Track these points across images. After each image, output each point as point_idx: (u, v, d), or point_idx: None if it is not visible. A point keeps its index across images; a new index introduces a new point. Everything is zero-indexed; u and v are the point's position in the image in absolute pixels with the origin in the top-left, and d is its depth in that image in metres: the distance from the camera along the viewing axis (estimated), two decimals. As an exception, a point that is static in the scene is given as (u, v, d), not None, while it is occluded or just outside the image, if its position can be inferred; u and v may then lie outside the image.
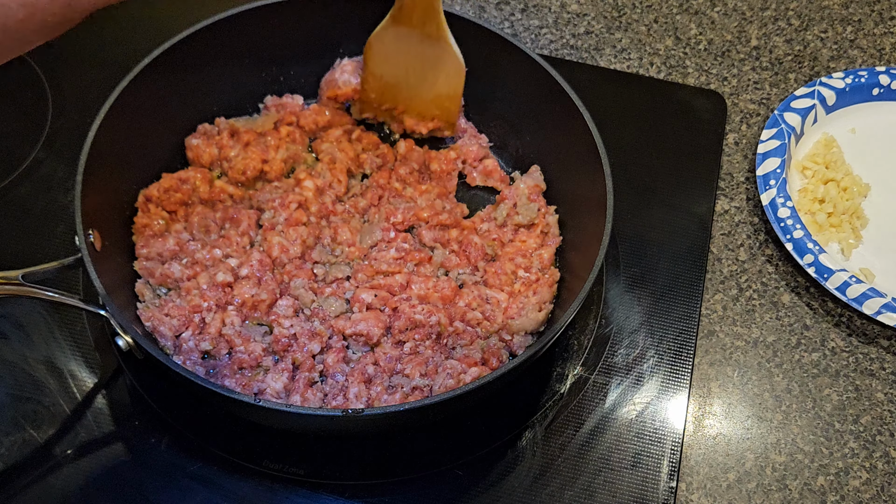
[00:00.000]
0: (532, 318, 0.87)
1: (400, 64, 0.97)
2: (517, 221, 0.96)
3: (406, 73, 0.98)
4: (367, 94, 1.02)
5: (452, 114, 1.02)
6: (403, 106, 1.02)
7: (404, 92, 1.00)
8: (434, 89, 0.99)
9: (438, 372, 0.83)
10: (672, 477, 0.86)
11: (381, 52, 0.97)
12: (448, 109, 1.01)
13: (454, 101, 1.00)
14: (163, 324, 0.84)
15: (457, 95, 0.99)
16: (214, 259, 0.89)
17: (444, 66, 0.96)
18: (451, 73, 0.97)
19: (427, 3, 0.90)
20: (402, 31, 0.94)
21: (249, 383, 0.82)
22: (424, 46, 0.94)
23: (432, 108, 1.01)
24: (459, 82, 0.97)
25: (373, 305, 0.88)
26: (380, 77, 1.00)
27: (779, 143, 1.06)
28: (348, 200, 0.97)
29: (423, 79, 0.98)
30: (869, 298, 0.94)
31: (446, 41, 0.93)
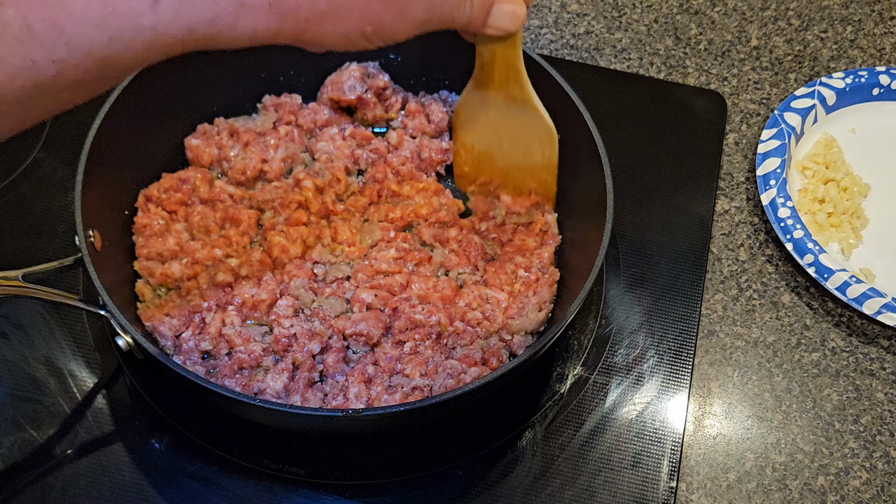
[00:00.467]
0: (532, 318, 0.87)
1: (489, 131, 0.92)
2: (515, 221, 0.96)
3: (498, 141, 0.93)
4: (460, 166, 0.98)
5: (550, 186, 0.95)
6: (500, 178, 0.96)
7: (499, 162, 0.95)
8: (529, 158, 0.92)
9: (438, 372, 0.83)
10: (672, 477, 0.86)
11: (468, 119, 0.93)
12: (545, 181, 0.94)
13: (550, 172, 0.93)
14: (163, 324, 0.84)
15: (552, 165, 0.92)
16: (214, 259, 0.89)
17: (536, 133, 0.89)
18: (544, 141, 0.90)
19: (507, 61, 0.82)
20: (486, 96, 0.88)
21: (249, 383, 0.82)
22: (512, 111, 0.88)
23: (528, 180, 0.95)
24: (553, 150, 0.91)
25: (373, 305, 0.88)
26: (471, 147, 0.96)
27: (779, 143, 1.06)
28: (348, 199, 0.97)
29: (516, 146, 0.92)
30: (869, 298, 0.94)
31: (533, 105, 0.87)
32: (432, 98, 1.05)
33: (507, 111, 0.88)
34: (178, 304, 0.87)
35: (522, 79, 0.84)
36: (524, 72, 0.83)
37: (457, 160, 0.98)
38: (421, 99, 1.05)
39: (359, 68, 1.02)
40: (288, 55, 1.01)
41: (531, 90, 0.85)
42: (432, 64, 1.04)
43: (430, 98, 1.05)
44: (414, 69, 1.05)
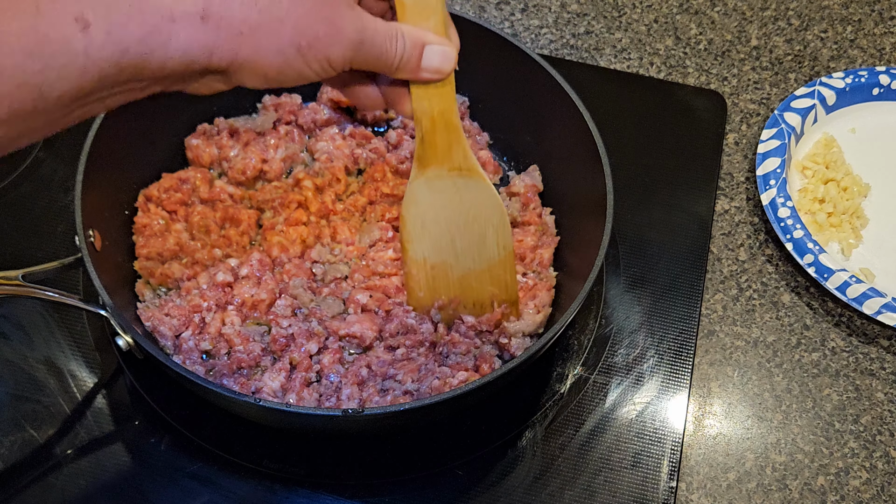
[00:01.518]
0: (530, 321, 0.87)
1: (440, 230, 0.83)
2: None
3: (451, 243, 0.83)
4: (414, 292, 0.86)
5: (511, 288, 0.86)
6: (458, 292, 0.86)
7: (455, 271, 0.85)
8: (484, 254, 0.83)
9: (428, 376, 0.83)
10: (672, 477, 0.86)
11: (416, 220, 0.82)
12: (504, 282, 0.85)
13: (509, 269, 0.85)
14: (163, 324, 0.84)
15: (509, 257, 0.84)
16: (214, 259, 0.89)
17: (487, 213, 0.81)
18: (497, 222, 0.82)
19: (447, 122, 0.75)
20: (431, 177, 0.79)
21: (248, 383, 0.82)
22: (459, 190, 0.80)
23: (487, 286, 0.85)
24: (507, 234, 0.83)
25: (368, 307, 0.88)
26: (423, 262, 0.84)
27: (779, 142, 1.06)
28: (347, 199, 0.97)
29: (470, 241, 0.83)
30: (869, 298, 0.94)
31: (479, 173, 0.79)
32: None
33: (455, 192, 0.80)
34: (177, 304, 0.87)
35: (464, 142, 0.77)
36: (463, 134, 0.77)
37: (410, 284, 0.86)
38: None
39: None
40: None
41: (473, 156, 0.78)
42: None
43: None
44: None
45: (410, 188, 0.80)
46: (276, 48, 0.60)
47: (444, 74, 0.71)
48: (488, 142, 1.04)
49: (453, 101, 0.74)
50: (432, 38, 0.69)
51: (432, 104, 0.74)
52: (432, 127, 0.75)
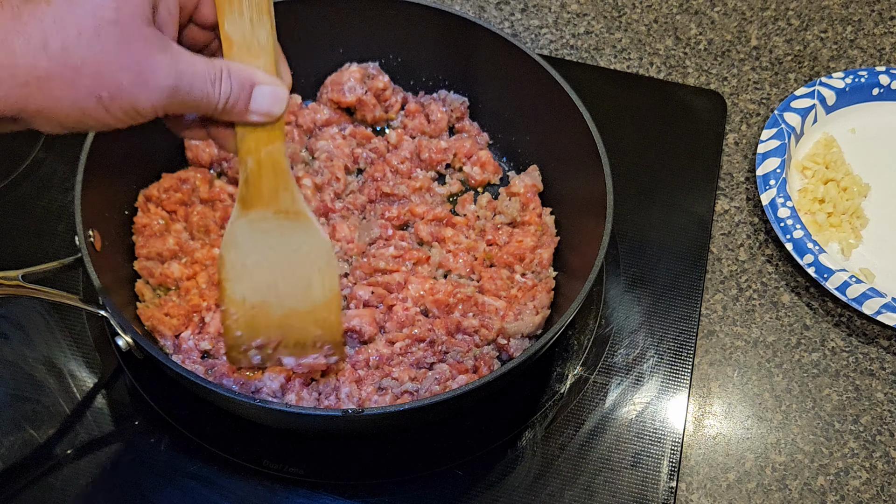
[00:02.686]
0: (528, 322, 0.87)
1: (261, 272, 0.76)
2: (499, 220, 0.96)
3: (273, 284, 0.77)
4: (231, 332, 0.78)
5: (335, 328, 0.79)
6: (278, 334, 0.79)
7: (276, 312, 0.78)
8: (309, 297, 0.78)
9: (427, 376, 0.83)
10: (672, 477, 0.86)
11: (236, 261, 0.76)
12: (329, 323, 0.79)
13: (333, 310, 0.78)
14: (162, 323, 0.84)
15: (335, 299, 0.78)
16: (214, 259, 0.89)
17: (314, 257, 0.76)
18: (324, 265, 0.77)
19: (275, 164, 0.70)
20: (255, 220, 0.73)
21: (248, 383, 0.82)
22: (286, 233, 0.75)
23: (311, 327, 0.79)
24: (333, 278, 0.77)
25: (370, 302, 0.88)
26: (242, 303, 0.77)
27: (779, 143, 1.06)
28: (346, 198, 0.97)
29: (294, 284, 0.77)
30: (869, 298, 0.94)
31: (306, 217, 0.74)
32: (432, 98, 1.05)
33: (280, 234, 0.75)
34: (177, 303, 0.87)
35: (292, 185, 0.72)
36: (293, 178, 0.72)
37: (226, 324, 0.78)
38: (420, 99, 1.05)
39: (359, 69, 1.02)
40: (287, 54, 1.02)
41: (302, 199, 0.73)
42: (432, 64, 1.04)
43: (430, 98, 1.05)
44: (414, 69, 1.05)
45: (231, 229, 0.74)
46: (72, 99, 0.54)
47: (273, 117, 0.66)
48: (488, 142, 1.04)
49: (282, 142, 0.69)
50: (262, 78, 0.63)
51: (259, 144, 0.68)
52: (258, 168, 0.70)
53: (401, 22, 1.00)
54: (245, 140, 0.68)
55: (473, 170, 1.01)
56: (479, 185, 1.02)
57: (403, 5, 0.98)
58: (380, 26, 1.01)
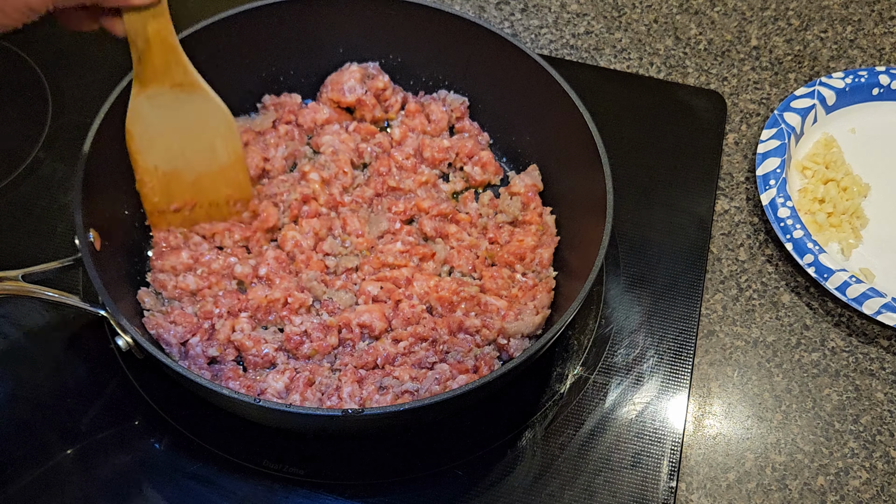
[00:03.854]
0: (529, 322, 0.87)
1: (168, 142, 0.86)
2: (501, 220, 0.96)
3: (180, 151, 0.86)
4: (149, 198, 0.89)
5: (244, 185, 0.91)
6: (192, 196, 0.90)
7: (187, 176, 0.88)
8: (216, 160, 0.88)
9: (427, 376, 0.83)
10: (672, 477, 0.86)
11: (143, 136, 0.85)
12: (238, 181, 0.90)
13: (241, 169, 0.90)
14: (167, 331, 0.84)
15: (240, 159, 0.89)
16: (230, 266, 0.90)
17: (214, 123, 0.86)
18: (224, 130, 0.87)
19: (162, 40, 0.78)
20: (153, 95, 0.82)
21: (254, 384, 0.82)
22: (183, 105, 0.84)
23: (222, 187, 0.90)
24: (235, 140, 0.88)
25: (378, 298, 0.89)
26: (154, 170, 0.87)
27: (779, 142, 1.06)
28: (354, 191, 0.98)
29: (200, 149, 0.87)
30: (869, 298, 0.94)
31: (201, 88, 0.83)
32: (432, 98, 1.05)
33: (179, 106, 0.83)
34: (186, 311, 0.87)
35: (183, 59, 0.80)
36: (182, 51, 0.79)
37: (143, 192, 0.88)
38: (420, 99, 1.05)
39: (359, 69, 1.02)
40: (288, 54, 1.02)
41: (194, 71, 0.81)
42: (432, 64, 1.04)
43: (430, 98, 1.05)
44: (414, 69, 1.05)
45: (133, 105, 0.83)
46: None
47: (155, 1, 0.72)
48: (488, 141, 1.04)
49: (167, 20, 0.76)
50: None
51: (145, 24, 0.76)
52: (147, 47, 0.78)
53: (401, 22, 1.00)
54: (132, 22, 0.75)
55: (474, 170, 1.01)
56: (479, 186, 1.02)
57: (403, 5, 0.98)
58: (380, 26, 1.01)
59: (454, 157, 1.02)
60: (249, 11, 0.95)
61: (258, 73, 1.02)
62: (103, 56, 1.10)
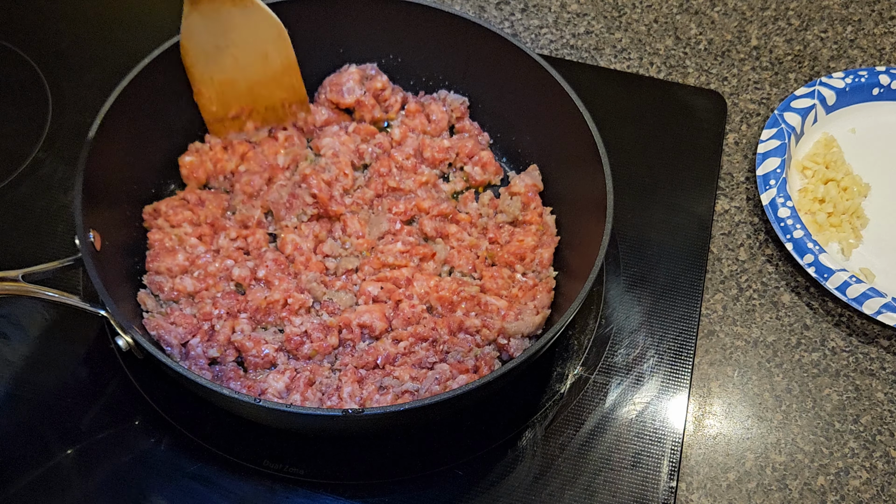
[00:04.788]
0: (529, 322, 0.87)
1: (222, 53, 0.90)
2: (501, 219, 0.96)
3: (234, 61, 0.91)
4: (207, 108, 0.94)
5: (298, 89, 0.95)
6: (248, 102, 0.95)
7: (241, 84, 0.93)
8: (269, 67, 0.92)
9: (427, 376, 0.83)
10: (672, 477, 0.86)
11: (198, 50, 0.90)
12: (291, 86, 0.94)
13: (293, 73, 0.93)
14: (168, 333, 0.84)
15: (292, 65, 0.92)
16: (227, 269, 0.90)
17: (265, 34, 0.90)
18: (276, 40, 0.90)
19: None
20: (204, 11, 0.86)
21: (255, 385, 0.82)
22: (235, 18, 0.88)
23: (276, 91, 0.95)
24: (287, 47, 0.91)
25: (378, 298, 0.89)
26: (210, 80, 0.92)
27: (779, 142, 1.06)
28: (355, 193, 0.98)
29: (253, 58, 0.91)
30: (869, 298, 0.94)
31: (253, 2, 0.87)
32: (432, 98, 1.05)
33: (230, 18, 0.87)
34: (185, 312, 0.87)
35: None
36: None
37: (202, 102, 0.94)
38: (420, 99, 1.05)
39: (357, 70, 1.02)
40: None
41: None
42: (432, 64, 1.04)
43: (430, 98, 1.05)
44: (414, 69, 1.05)
45: (185, 23, 0.86)
46: None
47: None
48: (488, 141, 1.04)
49: None
50: None
51: None
52: None
53: (400, 22, 1.00)
54: None
55: (474, 170, 1.01)
56: (479, 186, 1.02)
57: (403, 5, 0.98)
58: (380, 26, 1.01)
59: (454, 157, 1.02)
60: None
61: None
62: (103, 56, 1.10)
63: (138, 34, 1.12)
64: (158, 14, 1.16)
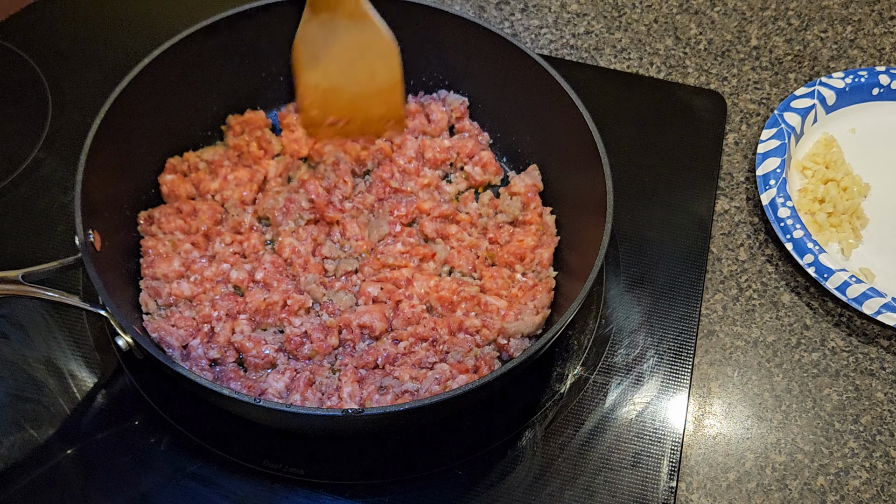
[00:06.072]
0: (529, 322, 0.87)
1: (332, 62, 0.90)
2: (501, 219, 0.96)
3: (342, 71, 0.90)
4: (307, 112, 0.94)
5: (398, 106, 0.94)
6: (348, 112, 0.94)
7: (345, 94, 0.92)
8: (374, 82, 0.91)
9: (427, 376, 0.83)
10: (672, 477, 0.86)
11: (310, 55, 0.90)
12: (392, 102, 0.93)
13: (397, 91, 0.92)
14: (170, 334, 0.84)
15: (397, 83, 0.92)
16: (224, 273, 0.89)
17: (377, 50, 0.89)
18: (387, 57, 0.89)
19: None
20: (323, 20, 0.87)
21: (255, 385, 0.82)
22: (350, 32, 0.87)
23: (376, 106, 0.93)
24: (396, 65, 0.90)
25: (378, 299, 0.89)
26: (316, 86, 0.92)
27: (779, 142, 1.06)
28: (355, 198, 0.98)
29: (361, 71, 0.90)
30: (869, 298, 0.94)
31: (370, 19, 0.86)
32: (432, 98, 1.05)
33: (346, 32, 0.87)
34: (185, 315, 0.87)
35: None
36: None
37: (303, 105, 0.93)
38: (420, 99, 1.05)
39: None
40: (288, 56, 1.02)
41: (366, 2, 0.85)
42: (432, 64, 1.04)
43: (430, 98, 1.05)
44: (414, 69, 1.05)
45: (303, 28, 0.87)
46: None
47: None
48: (488, 141, 1.04)
49: None
50: None
51: None
52: None
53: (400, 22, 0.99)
54: None
55: (475, 170, 1.01)
56: (479, 186, 1.02)
57: (403, 5, 0.98)
58: (380, 26, 1.01)
59: (455, 156, 1.02)
60: (249, 11, 0.95)
61: (258, 72, 1.02)
62: (103, 56, 1.10)
63: (138, 34, 1.12)
64: (158, 14, 1.16)
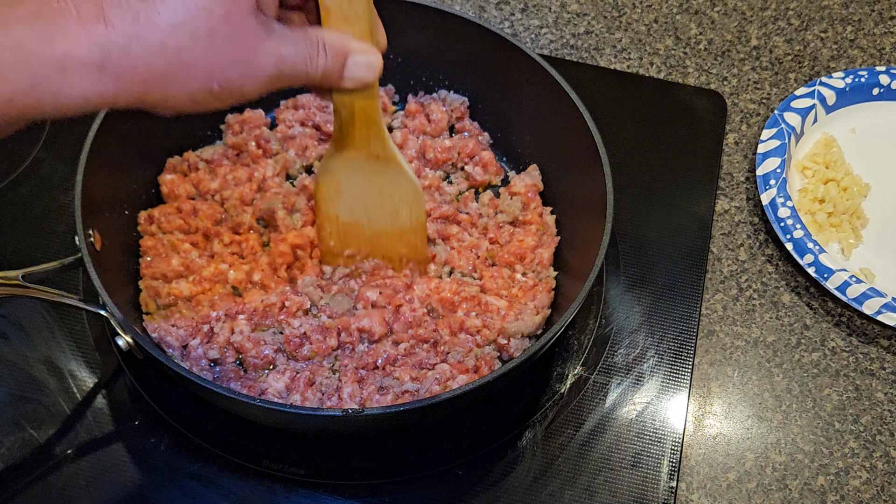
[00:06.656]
0: (529, 322, 0.87)
1: (354, 198, 0.86)
2: (501, 220, 0.96)
3: (363, 208, 0.87)
4: (325, 241, 0.90)
5: (421, 249, 0.90)
6: (367, 248, 0.90)
7: (366, 231, 0.89)
8: (396, 223, 0.88)
9: (427, 376, 0.83)
10: (672, 477, 0.86)
11: (331, 189, 0.85)
12: (414, 245, 0.90)
13: (420, 235, 0.89)
14: (170, 334, 0.84)
15: (421, 227, 0.88)
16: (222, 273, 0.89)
17: (402, 193, 0.85)
18: (411, 201, 0.86)
19: (367, 117, 0.76)
20: (347, 158, 0.82)
21: (255, 385, 0.82)
22: (376, 172, 0.83)
23: (398, 246, 0.90)
24: (421, 210, 0.87)
25: (378, 303, 0.88)
26: (335, 219, 0.88)
27: (779, 142, 1.06)
28: None
29: (383, 211, 0.87)
30: (869, 298, 0.94)
31: (396, 162, 0.82)
32: (432, 98, 1.05)
33: (371, 172, 0.83)
34: (185, 314, 0.87)
35: (384, 135, 0.79)
36: (384, 127, 0.78)
37: (321, 235, 0.90)
38: (420, 99, 1.05)
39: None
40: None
41: (393, 146, 0.81)
42: (432, 64, 1.04)
43: (430, 98, 1.05)
44: (414, 69, 1.05)
45: (326, 163, 0.83)
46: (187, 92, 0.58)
47: (367, 84, 0.70)
48: (489, 141, 1.04)
49: (375, 99, 0.74)
50: (356, 47, 0.67)
51: (353, 101, 0.74)
52: (350, 119, 0.76)
53: (401, 22, 1.00)
54: (340, 97, 0.74)
55: (475, 170, 1.01)
56: (479, 186, 1.02)
57: (403, 5, 0.98)
58: (379, 26, 1.01)
59: (456, 156, 1.02)
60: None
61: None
62: (103, 56, 1.10)
63: (138, 34, 1.12)
64: (158, 14, 1.16)
